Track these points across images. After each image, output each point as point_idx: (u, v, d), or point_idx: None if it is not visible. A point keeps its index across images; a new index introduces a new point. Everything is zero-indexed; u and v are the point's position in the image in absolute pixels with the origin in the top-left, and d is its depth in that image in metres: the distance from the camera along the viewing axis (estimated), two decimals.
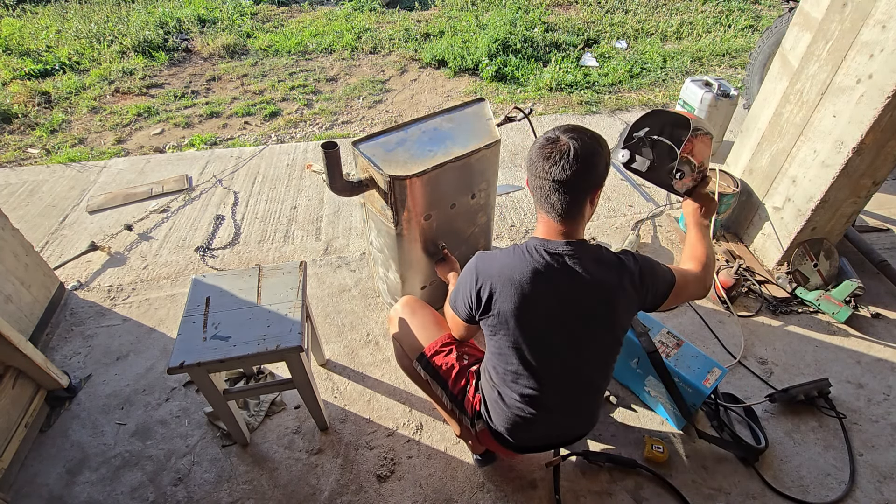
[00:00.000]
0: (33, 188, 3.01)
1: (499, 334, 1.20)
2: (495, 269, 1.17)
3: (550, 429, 1.35)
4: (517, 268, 1.14)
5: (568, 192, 1.11)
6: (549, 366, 1.22)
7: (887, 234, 2.63)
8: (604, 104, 3.93)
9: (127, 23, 5.17)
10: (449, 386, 1.43)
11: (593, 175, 1.11)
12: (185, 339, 1.44)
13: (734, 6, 5.85)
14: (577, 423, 1.39)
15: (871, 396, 1.90)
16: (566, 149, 1.08)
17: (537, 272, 1.13)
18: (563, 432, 1.40)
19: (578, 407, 1.34)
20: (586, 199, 1.14)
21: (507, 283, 1.14)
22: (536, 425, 1.30)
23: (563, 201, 1.12)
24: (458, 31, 5.16)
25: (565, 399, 1.29)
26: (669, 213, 2.78)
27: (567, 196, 1.11)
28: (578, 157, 1.07)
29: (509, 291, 1.14)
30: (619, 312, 1.19)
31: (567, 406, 1.31)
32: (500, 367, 1.26)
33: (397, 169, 1.62)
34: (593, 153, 1.09)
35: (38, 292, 2.11)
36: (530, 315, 1.15)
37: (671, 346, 1.71)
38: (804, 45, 2.06)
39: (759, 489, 1.63)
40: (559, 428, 1.37)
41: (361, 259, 2.50)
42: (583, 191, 1.12)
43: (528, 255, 1.15)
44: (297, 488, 1.64)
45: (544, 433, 1.36)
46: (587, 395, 1.34)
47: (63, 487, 1.64)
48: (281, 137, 3.63)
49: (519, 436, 1.34)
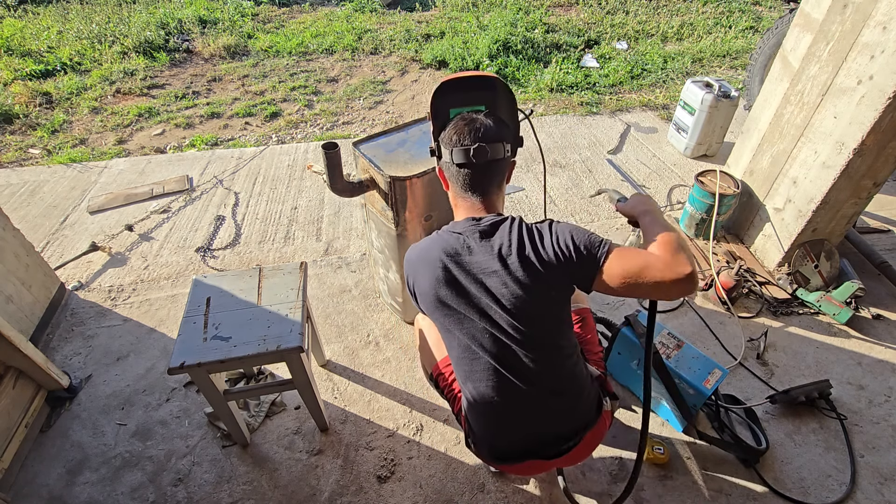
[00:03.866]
0: (34, 188, 3.01)
1: (434, 318, 1.21)
2: (414, 255, 1.23)
3: (532, 417, 1.21)
4: (431, 249, 1.18)
5: (481, 168, 1.18)
6: (489, 341, 1.14)
7: (888, 235, 2.63)
8: (604, 105, 3.93)
9: (128, 23, 5.18)
10: (452, 405, 1.39)
11: (505, 137, 1.19)
12: (186, 340, 1.44)
13: (735, 7, 5.86)
14: (554, 411, 1.22)
15: (871, 398, 1.89)
16: (475, 120, 1.18)
17: (450, 250, 1.15)
18: (536, 424, 1.23)
19: (542, 388, 1.18)
20: (502, 169, 1.21)
21: (422, 265, 1.18)
22: (513, 416, 1.20)
23: (475, 177, 1.19)
24: (459, 31, 5.17)
25: (516, 381, 1.16)
26: (670, 213, 2.78)
27: (479, 172, 1.18)
28: (487, 130, 1.16)
29: (424, 271, 1.17)
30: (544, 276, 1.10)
31: (524, 389, 1.17)
32: (452, 358, 1.23)
33: (398, 170, 1.62)
34: (500, 122, 1.20)
35: (38, 292, 2.11)
36: (448, 289, 1.13)
37: (672, 347, 1.71)
38: (805, 47, 2.06)
39: (760, 490, 1.62)
40: (541, 413, 1.21)
41: (362, 260, 2.50)
42: (499, 153, 1.18)
43: (441, 237, 1.19)
44: (297, 489, 1.64)
45: (528, 424, 1.23)
46: (549, 360, 1.17)
47: (63, 488, 1.64)
48: (282, 138, 3.63)
49: (501, 436, 1.25)
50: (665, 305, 2.25)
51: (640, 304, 2.26)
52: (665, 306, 2.25)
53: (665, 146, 3.43)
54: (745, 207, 2.50)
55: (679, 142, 3.32)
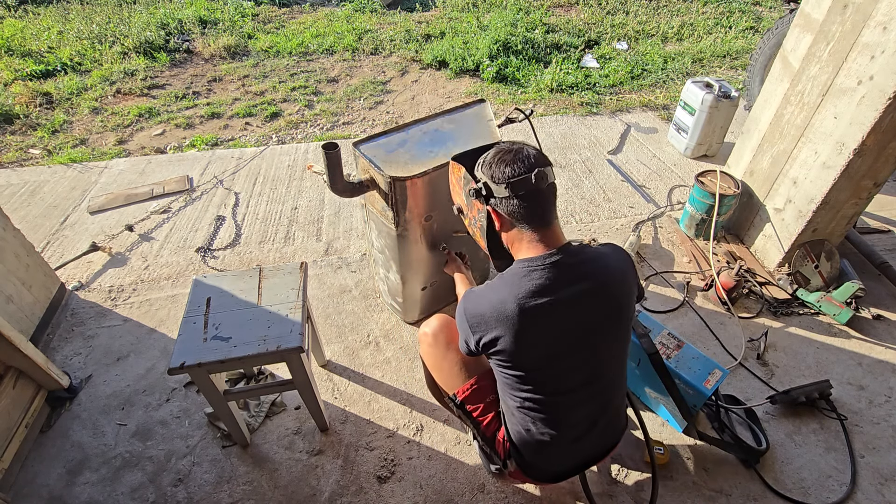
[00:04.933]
0: (35, 189, 3.01)
1: (508, 368, 1.15)
2: (485, 309, 1.11)
3: (583, 446, 1.27)
4: (507, 301, 1.08)
5: (544, 194, 1.12)
6: (566, 383, 1.16)
7: (888, 235, 2.63)
8: (604, 105, 3.93)
9: (128, 24, 5.18)
10: (482, 427, 1.35)
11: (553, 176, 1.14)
12: (186, 340, 1.44)
13: (735, 8, 5.86)
14: (607, 432, 1.30)
15: (872, 398, 1.89)
16: (522, 149, 1.12)
17: (530, 300, 1.07)
18: (595, 447, 1.30)
19: (605, 413, 1.25)
20: (555, 193, 1.16)
21: (500, 322, 1.08)
22: (568, 446, 1.23)
23: (542, 205, 1.13)
24: (459, 32, 5.17)
25: (591, 410, 1.22)
26: (670, 214, 2.78)
27: (544, 199, 1.13)
28: (537, 156, 1.12)
29: (505, 329, 1.08)
30: (623, 303, 1.16)
31: (594, 416, 1.23)
32: (517, 398, 1.20)
33: (398, 170, 1.62)
34: (541, 154, 1.15)
35: (39, 293, 2.12)
36: (533, 343, 1.10)
37: (672, 347, 1.71)
38: (805, 47, 2.06)
39: (760, 491, 1.62)
40: (591, 443, 1.28)
41: (362, 260, 2.50)
42: (552, 178, 1.14)
43: (516, 283, 1.10)
44: (297, 489, 1.64)
45: (578, 453, 1.28)
46: (611, 398, 1.26)
47: (63, 488, 1.64)
48: (282, 138, 3.63)
49: (552, 462, 1.27)
50: (665, 306, 2.25)
51: (640, 304, 2.26)
52: (665, 306, 2.25)
53: (665, 146, 3.43)
54: (745, 208, 2.50)
55: (679, 142, 3.32)
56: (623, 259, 1.20)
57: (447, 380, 1.41)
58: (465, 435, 1.78)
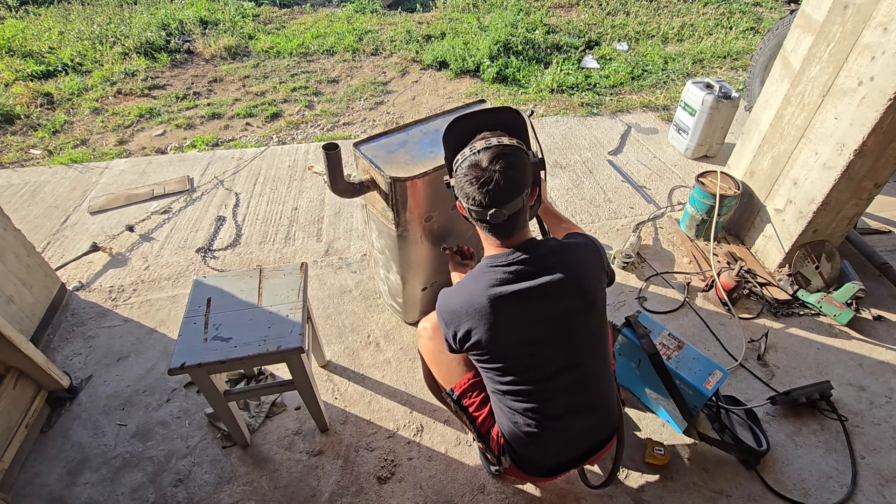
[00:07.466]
0: (35, 189, 3.01)
1: (487, 361, 1.19)
2: (456, 304, 1.17)
3: (571, 436, 1.29)
4: (475, 294, 1.13)
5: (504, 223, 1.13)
6: (543, 371, 1.19)
7: (889, 236, 2.63)
8: (605, 106, 3.93)
9: (129, 24, 5.18)
10: (477, 424, 1.37)
11: (522, 188, 1.13)
12: (186, 340, 1.44)
13: (735, 8, 5.85)
14: (595, 422, 1.31)
15: (872, 399, 1.89)
16: (491, 177, 1.09)
17: (496, 289, 1.12)
18: (586, 437, 1.32)
19: (589, 401, 1.27)
20: (524, 210, 1.16)
21: (471, 315, 1.13)
22: (555, 436, 1.25)
23: (503, 229, 1.15)
24: (460, 32, 5.17)
25: (572, 398, 1.23)
26: (671, 214, 2.78)
27: (502, 226, 1.14)
28: (503, 179, 1.09)
29: (477, 321, 1.13)
30: (591, 289, 1.18)
31: (576, 404, 1.25)
32: (500, 391, 1.23)
33: (398, 170, 1.62)
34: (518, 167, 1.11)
35: (39, 293, 2.12)
36: (505, 333, 1.14)
37: (672, 348, 1.71)
38: (806, 48, 2.06)
39: (761, 492, 1.62)
40: (580, 434, 1.30)
41: (362, 260, 2.50)
42: (518, 206, 1.14)
43: (481, 277, 1.15)
44: (297, 490, 1.64)
45: (568, 444, 1.30)
46: (592, 385, 1.27)
47: (63, 488, 1.64)
48: (282, 139, 3.63)
49: (544, 455, 1.29)
50: (666, 306, 2.25)
51: (640, 305, 2.26)
52: (666, 307, 2.25)
53: (666, 147, 3.43)
54: (745, 208, 2.50)
55: (680, 143, 3.32)
56: (587, 246, 1.23)
57: (445, 374, 1.43)
58: (465, 436, 1.78)
